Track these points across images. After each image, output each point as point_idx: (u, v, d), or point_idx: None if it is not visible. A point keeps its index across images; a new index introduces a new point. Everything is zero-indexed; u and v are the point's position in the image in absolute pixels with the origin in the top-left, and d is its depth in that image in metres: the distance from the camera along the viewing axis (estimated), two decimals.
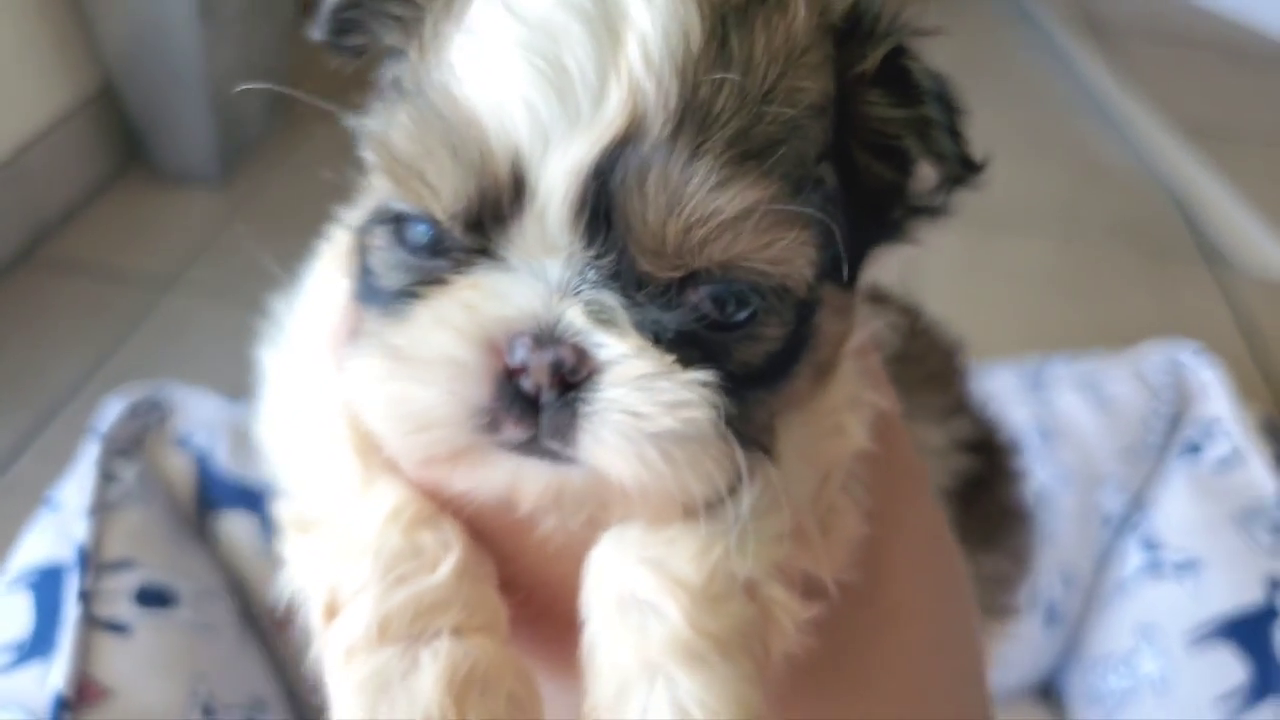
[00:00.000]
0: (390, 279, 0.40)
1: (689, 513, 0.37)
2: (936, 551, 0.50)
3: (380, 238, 0.40)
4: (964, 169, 0.41)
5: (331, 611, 0.40)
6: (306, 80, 0.45)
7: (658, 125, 0.34)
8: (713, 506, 0.37)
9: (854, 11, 0.39)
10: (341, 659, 0.39)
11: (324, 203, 0.48)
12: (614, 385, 0.35)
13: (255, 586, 0.89)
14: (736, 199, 0.34)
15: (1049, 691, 1.09)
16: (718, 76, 0.35)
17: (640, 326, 0.36)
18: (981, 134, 0.44)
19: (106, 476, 0.85)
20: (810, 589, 0.40)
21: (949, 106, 0.40)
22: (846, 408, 0.43)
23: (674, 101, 0.34)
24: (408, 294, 0.38)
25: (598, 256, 0.36)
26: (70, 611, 0.76)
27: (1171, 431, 1.09)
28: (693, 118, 0.34)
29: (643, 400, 0.35)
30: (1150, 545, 1.02)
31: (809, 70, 0.37)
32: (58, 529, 0.82)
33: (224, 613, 0.85)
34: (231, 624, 0.85)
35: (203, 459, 0.89)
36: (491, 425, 0.36)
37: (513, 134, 0.35)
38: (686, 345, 0.36)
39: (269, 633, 0.90)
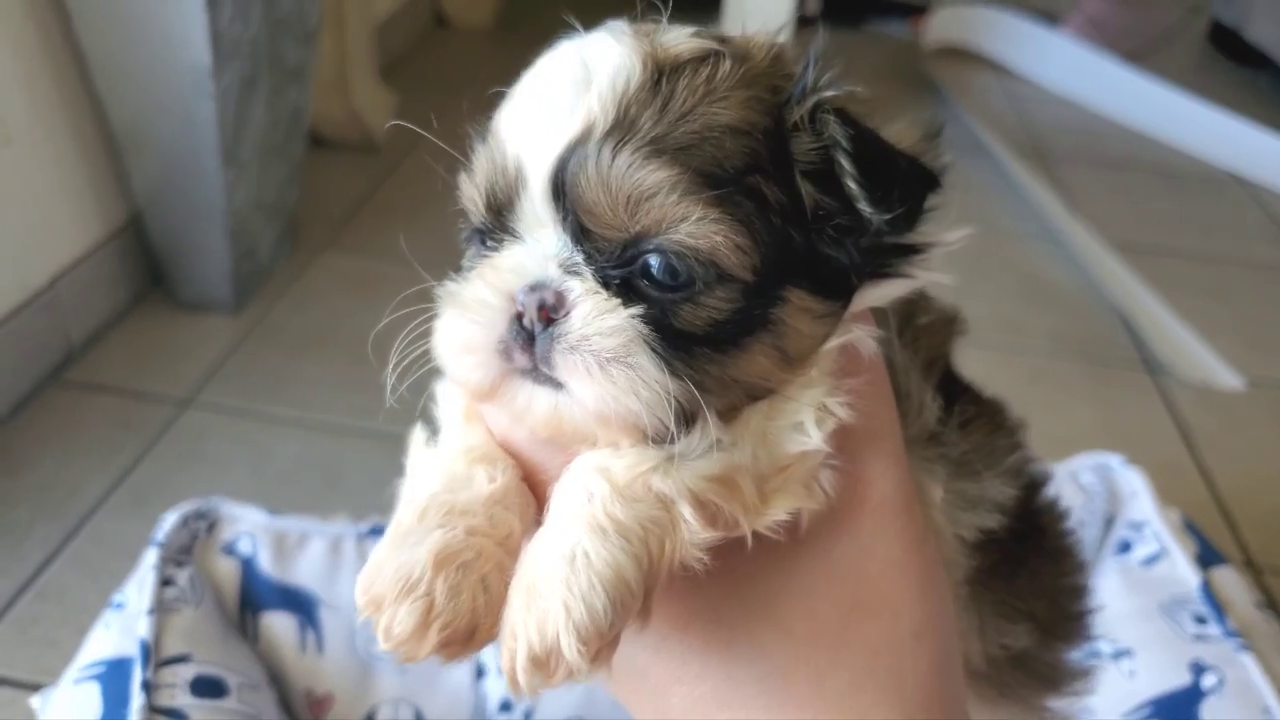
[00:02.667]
0: (472, 266, 0.54)
1: (643, 439, 0.49)
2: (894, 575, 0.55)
3: (471, 245, 0.56)
4: (875, 213, 0.50)
5: (408, 504, 0.54)
6: (313, 214, 0.60)
7: (598, 132, 0.48)
8: (663, 440, 0.49)
9: (796, 77, 0.53)
10: (392, 528, 0.52)
11: (327, 327, 0.61)
12: (575, 318, 0.48)
13: (292, 680, 0.99)
14: (647, 178, 0.47)
15: None
16: (643, 100, 0.48)
17: (597, 277, 0.49)
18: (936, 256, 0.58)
19: (164, 581, 0.95)
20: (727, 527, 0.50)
21: (858, 158, 0.50)
22: (811, 410, 0.51)
23: (610, 117, 0.48)
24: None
25: (563, 224, 0.49)
26: (135, 700, 0.86)
27: (1105, 532, 1.22)
28: (620, 127, 0.48)
29: (588, 328, 0.48)
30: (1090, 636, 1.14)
31: (728, 104, 0.50)
32: (122, 627, 0.92)
33: (266, 703, 0.94)
34: (272, 714, 0.94)
35: (247, 564, 1.00)
36: (507, 353, 0.49)
37: (519, 147, 0.50)
38: (637, 297, 0.49)
39: None
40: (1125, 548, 1.18)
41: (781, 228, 0.50)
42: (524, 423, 0.52)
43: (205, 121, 1.69)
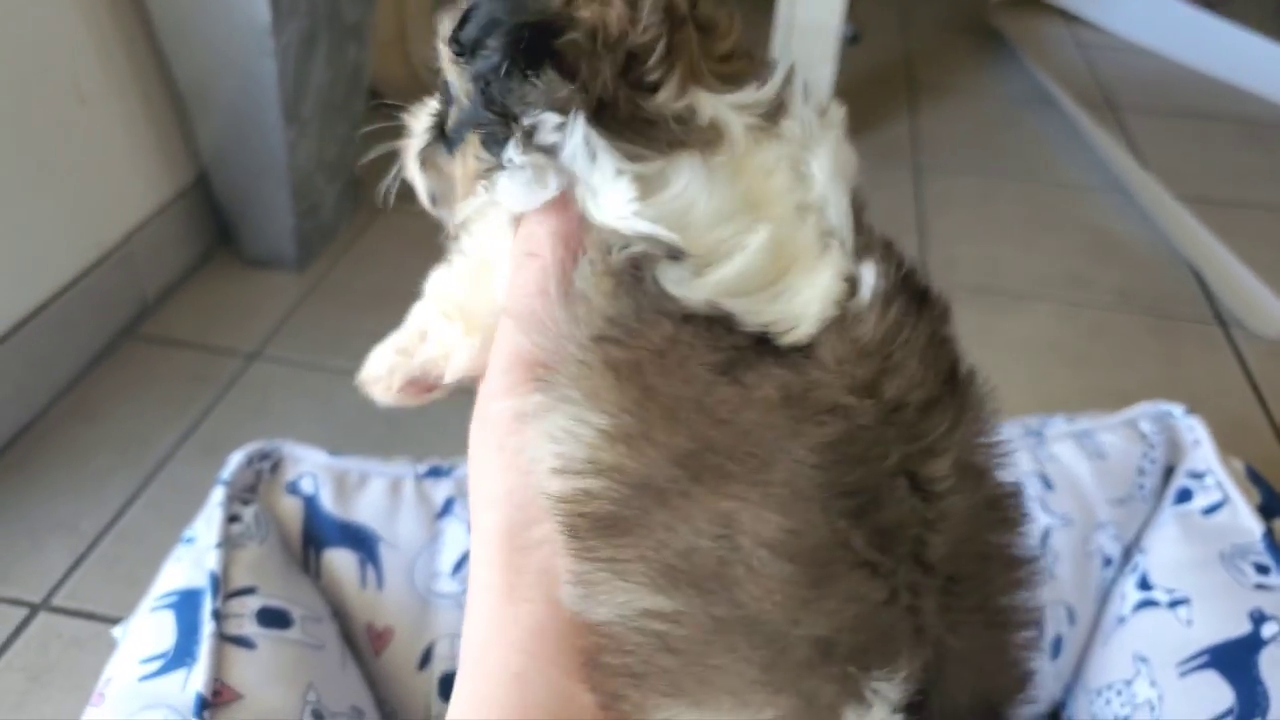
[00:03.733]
0: None
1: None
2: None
3: None
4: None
5: None
6: (375, 174, 0.68)
7: None
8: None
9: None
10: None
11: (389, 284, 0.69)
12: None
13: (353, 613, 1.02)
14: (441, 32, 0.56)
15: (1056, 718, 1.20)
16: None
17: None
18: (998, 208, 0.56)
19: (230, 517, 0.99)
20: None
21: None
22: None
23: None
24: None
25: None
26: (206, 627, 0.90)
27: (1164, 481, 1.20)
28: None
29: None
30: (1146, 585, 1.13)
31: None
32: (193, 560, 0.96)
33: (328, 635, 0.98)
34: (335, 645, 0.98)
35: (309, 502, 1.04)
36: None
37: None
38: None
39: (364, 654, 1.03)
40: (1185, 497, 1.16)
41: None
42: None
43: (267, 79, 1.73)
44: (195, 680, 0.86)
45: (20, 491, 1.51)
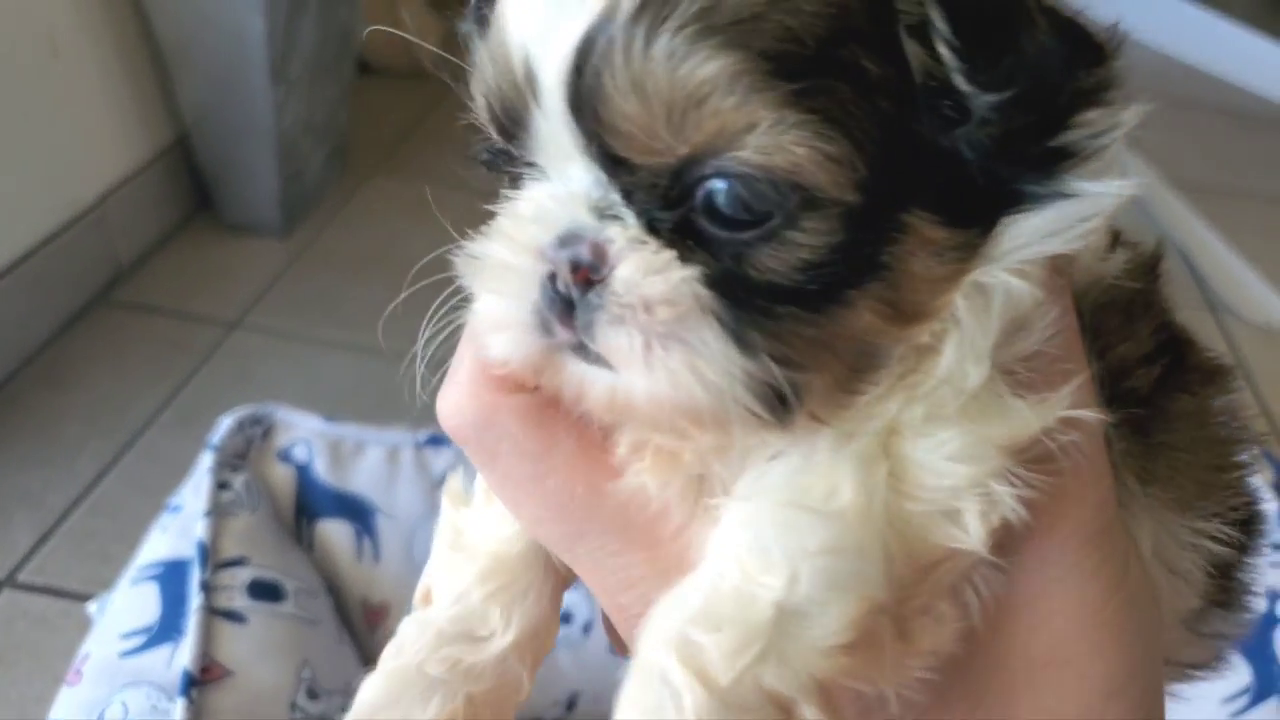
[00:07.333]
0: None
1: (720, 433, 0.38)
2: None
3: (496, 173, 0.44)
4: (974, 90, 0.35)
5: (425, 599, 0.52)
6: (362, 139, 0.51)
7: (624, 11, 0.34)
8: (754, 427, 0.37)
9: None
10: (394, 647, 0.51)
11: (378, 250, 0.57)
12: (617, 281, 0.36)
13: (348, 588, 0.98)
14: (695, 73, 0.33)
15: None
16: None
17: (642, 220, 0.36)
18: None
19: (219, 484, 0.94)
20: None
21: (953, 4, 0.35)
22: (966, 487, 0.36)
23: None
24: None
25: (590, 149, 0.36)
26: (194, 600, 0.85)
27: None
28: (654, 2, 0.34)
29: (632, 294, 0.36)
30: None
31: None
32: (179, 529, 0.91)
33: (323, 609, 0.94)
34: (330, 620, 0.94)
35: (302, 470, 0.99)
36: (545, 325, 0.38)
37: (524, 34, 0.37)
38: (699, 242, 0.36)
39: (360, 630, 0.99)
40: None
41: (893, 115, 0.35)
42: (580, 405, 0.41)
43: (254, 36, 1.67)
44: (182, 656, 0.82)
45: None
